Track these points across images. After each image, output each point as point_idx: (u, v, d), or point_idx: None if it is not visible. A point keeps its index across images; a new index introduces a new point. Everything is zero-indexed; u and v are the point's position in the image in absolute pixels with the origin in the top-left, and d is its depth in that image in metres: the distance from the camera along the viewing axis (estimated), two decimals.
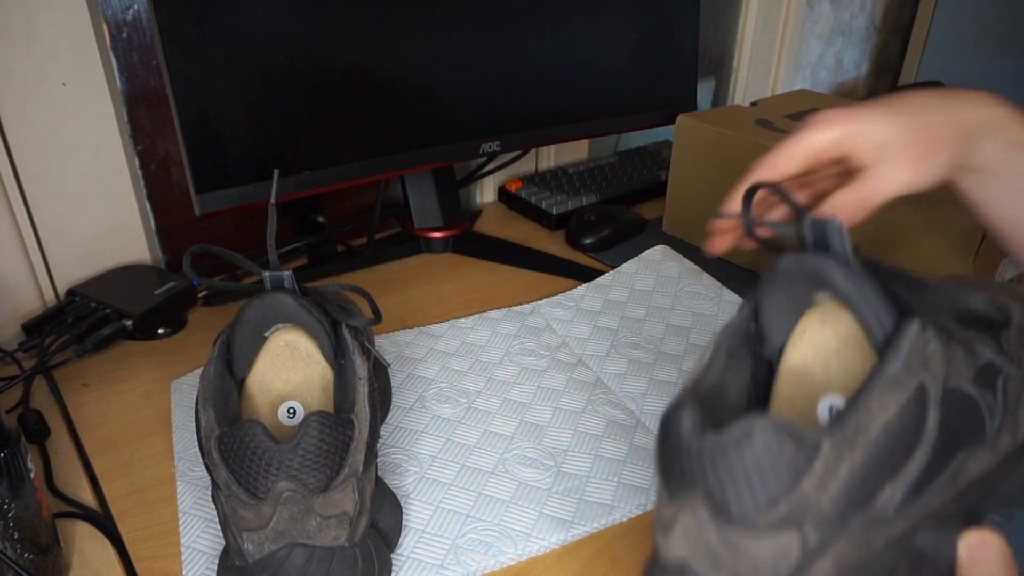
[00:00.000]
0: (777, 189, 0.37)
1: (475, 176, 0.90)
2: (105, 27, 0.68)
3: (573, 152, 1.03)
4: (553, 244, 0.84)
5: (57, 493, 0.50)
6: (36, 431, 0.55)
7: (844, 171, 0.47)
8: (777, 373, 0.34)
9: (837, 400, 0.34)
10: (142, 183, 0.74)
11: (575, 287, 0.73)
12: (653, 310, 0.68)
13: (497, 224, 0.90)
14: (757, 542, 0.26)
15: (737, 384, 0.33)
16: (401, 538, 0.45)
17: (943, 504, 0.31)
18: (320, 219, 0.83)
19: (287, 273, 0.44)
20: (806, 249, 0.32)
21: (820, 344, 0.34)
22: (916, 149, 0.45)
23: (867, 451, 0.27)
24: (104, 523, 0.48)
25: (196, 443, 0.49)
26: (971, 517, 0.33)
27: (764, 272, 0.33)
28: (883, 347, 0.29)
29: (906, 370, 0.28)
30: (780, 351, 0.34)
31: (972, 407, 0.31)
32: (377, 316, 0.49)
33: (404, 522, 0.46)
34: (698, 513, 0.27)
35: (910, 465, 0.28)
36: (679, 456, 0.27)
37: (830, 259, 0.31)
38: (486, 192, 0.97)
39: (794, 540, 0.26)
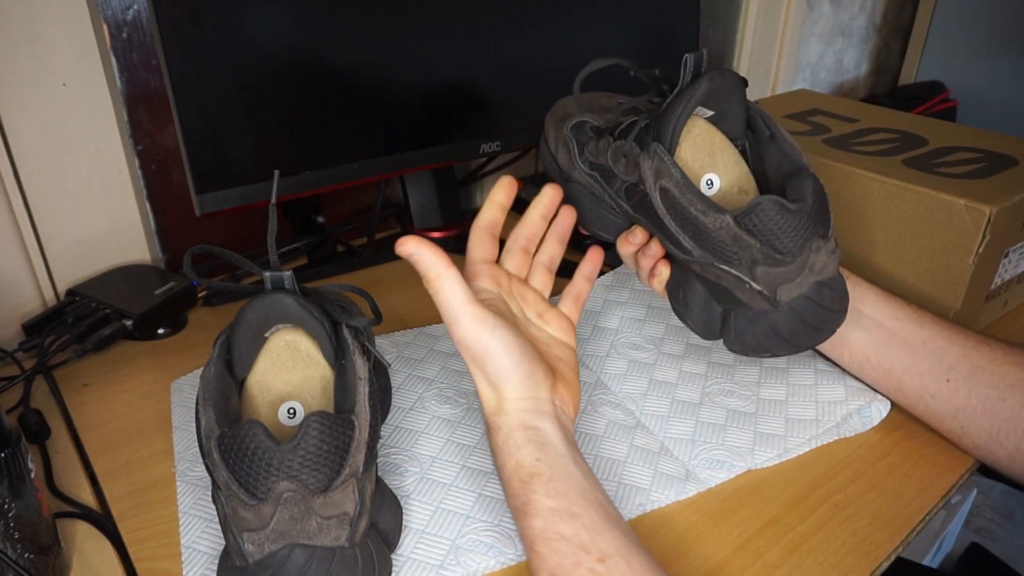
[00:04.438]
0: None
1: (475, 176, 0.90)
2: (105, 27, 0.68)
3: None
4: None
5: (57, 493, 0.50)
6: (36, 431, 0.55)
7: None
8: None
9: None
10: (142, 183, 0.74)
11: None
12: (653, 310, 0.68)
13: None
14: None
15: None
16: (401, 538, 0.45)
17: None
18: (320, 219, 0.83)
19: (287, 273, 0.43)
20: None
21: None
22: None
23: None
24: (104, 523, 0.48)
25: (196, 443, 0.49)
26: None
27: None
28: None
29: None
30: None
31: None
32: (377, 316, 0.49)
33: (404, 522, 0.46)
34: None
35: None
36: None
37: None
38: (486, 192, 0.97)
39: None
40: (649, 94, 0.53)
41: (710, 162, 0.53)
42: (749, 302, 0.49)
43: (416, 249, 0.44)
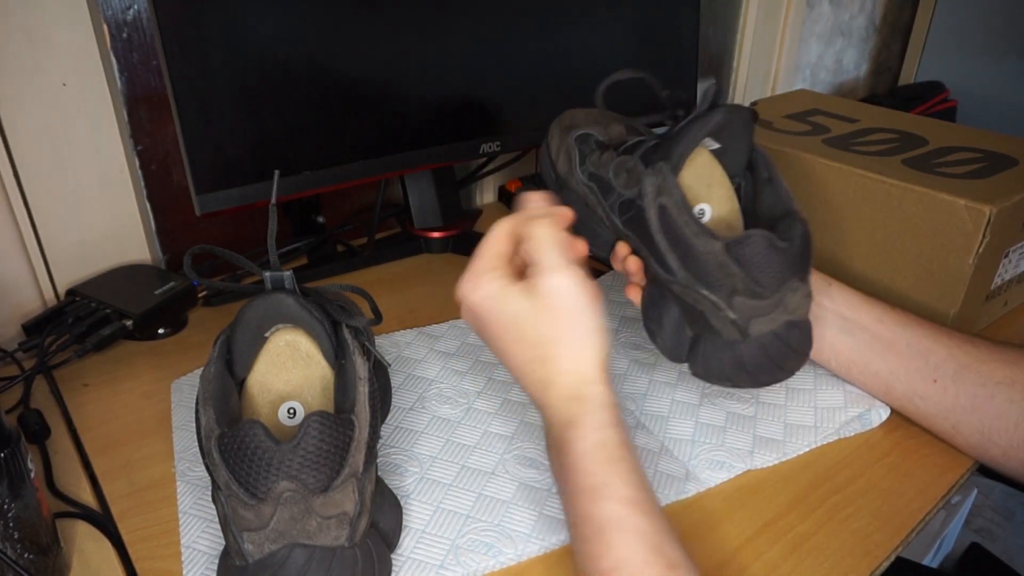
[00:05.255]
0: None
1: (475, 176, 0.90)
2: (105, 27, 0.68)
3: None
4: None
5: (57, 493, 0.50)
6: (36, 431, 0.55)
7: None
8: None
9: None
10: (142, 183, 0.74)
11: None
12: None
13: None
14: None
15: None
16: (401, 538, 0.45)
17: None
18: (320, 219, 0.83)
19: (287, 273, 0.44)
20: None
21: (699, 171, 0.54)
22: None
23: None
24: (104, 523, 0.48)
25: (196, 443, 0.49)
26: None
27: None
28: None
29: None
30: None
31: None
32: (377, 316, 0.49)
33: (404, 522, 0.46)
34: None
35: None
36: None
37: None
38: (486, 192, 0.97)
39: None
40: (663, 114, 0.55)
41: (706, 193, 0.54)
42: (721, 330, 0.50)
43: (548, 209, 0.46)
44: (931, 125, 0.77)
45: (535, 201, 0.49)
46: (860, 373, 0.56)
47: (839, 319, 0.55)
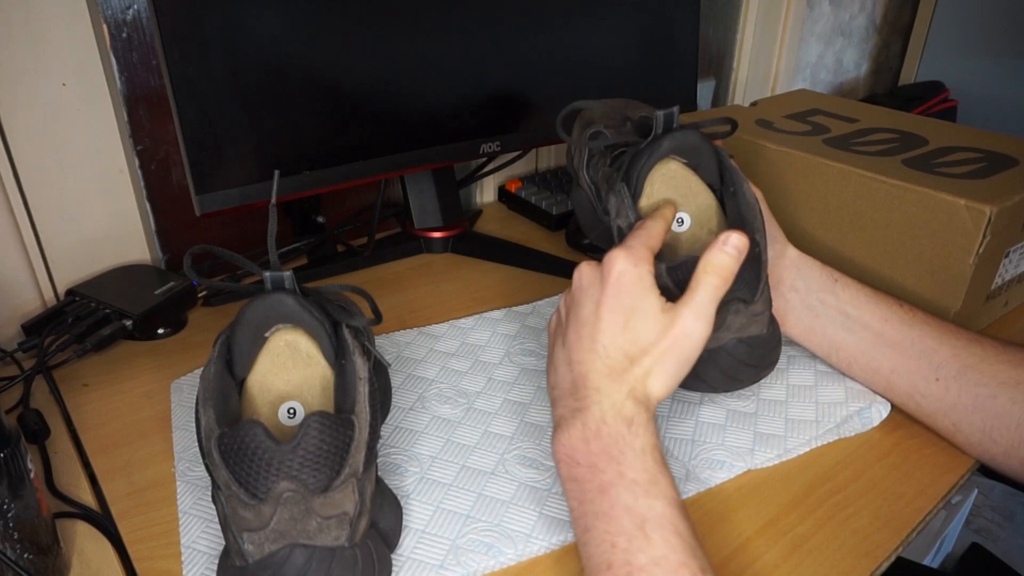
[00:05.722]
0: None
1: (475, 176, 0.90)
2: (105, 27, 0.68)
3: None
4: (553, 244, 0.84)
5: (57, 493, 0.50)
6: (36, 431, 0.55)
7: None
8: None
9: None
10: (142, 183, 0.74)
11: None
12: None
13: (497, 224, 0.90)
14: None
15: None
16: (401, 538, 0.45)
17: None
18: (320, 219, 0.83)
19: (287, 273, 0.44)
20: None
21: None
22: None
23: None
24: (104, 523, 0.48)
25: (196, 443, 0.49)
26: None
27: None
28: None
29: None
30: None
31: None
32: (377, 316, 0.49)
33: (404, 522, 0.46)
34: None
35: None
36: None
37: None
38: (486, 192, 0.97)
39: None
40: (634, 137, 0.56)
41: (683, 201, 0.55)
42: None
43: (739, 250, 0.46)
44: (931, 125, 0.77)
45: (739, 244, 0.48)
46: (861, 370, 0.56)
47: (842, 316, 0.55)
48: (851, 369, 0.57)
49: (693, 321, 0.45)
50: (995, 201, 0.58)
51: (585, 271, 0.48)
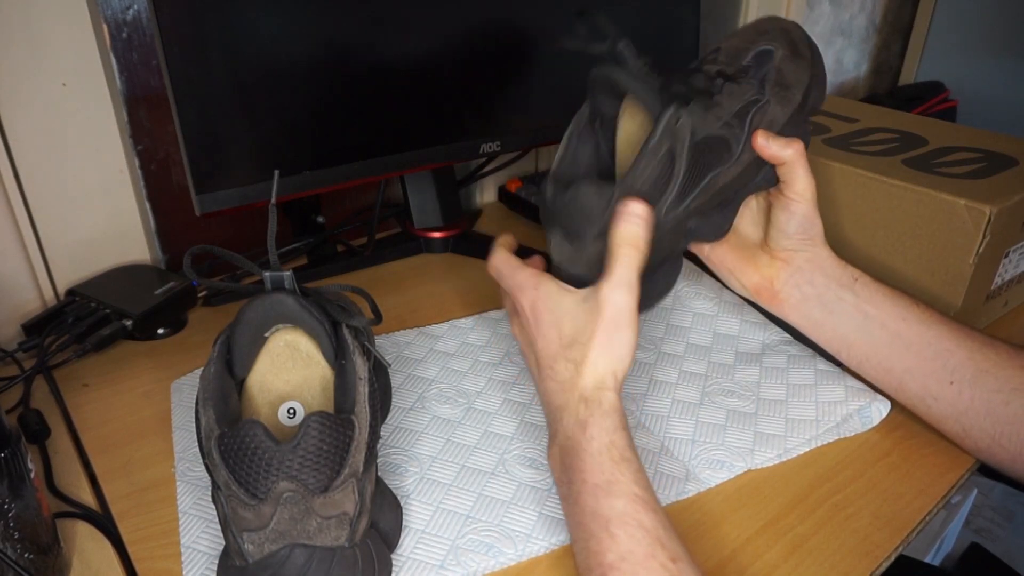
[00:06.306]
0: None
1: (475, 176, 0.90)
2: (105, 27, 0.68)
3: None
4: None
5: (57, 493, 0.50)
6: (36, 431, 0.55)
7: None
8: (616, 148, 0.54)
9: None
10: (142, 183, 0.74)
11: None
12: (653, 310, 0.68)
13: (497, 224, 0.90)
14: (587, 248, 0.48)
15: (586, 157, 0.53)
16: (401, 539, 0.45)
17: (703, 204, 0.51)
18: (320, 219, 0.83)
19: (287, 273, 0.44)
20: None
21: (631, 131, 0.53)
22: None
23: (640, 192, 0.47)
24: (104, 523, 0.48)
25: (196, 443, 0.49)
26: (725, 206, 0.55)
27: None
28: (653, 128, 0.47)
29: (660, 141, 0.47)
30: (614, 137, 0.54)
31: (720, 141, 0.50)
32: (377, 316, 0.49)
33: (404, 523, 0.46)
34: (559, 241, 0.50)
35: (667, 193, 0.49)
36: (545, 209, 0.51)
37: (624, 72, 0.49)
38: (486, 192, 0.97)
39: (600, 245, 0.47)
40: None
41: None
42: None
43: (641, 216, 0.47)
44: (931, 125, 0.77)
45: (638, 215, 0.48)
46: (873, 368, 0.56)
47: (860, 315, 0.55)
48: (861, 367, 0.56)
49: (618, 295, 0.45)
50: (995, 201, 0.58)
51: (513, 323, 0.53)
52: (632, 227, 0.46)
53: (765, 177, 0.55)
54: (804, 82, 0.54)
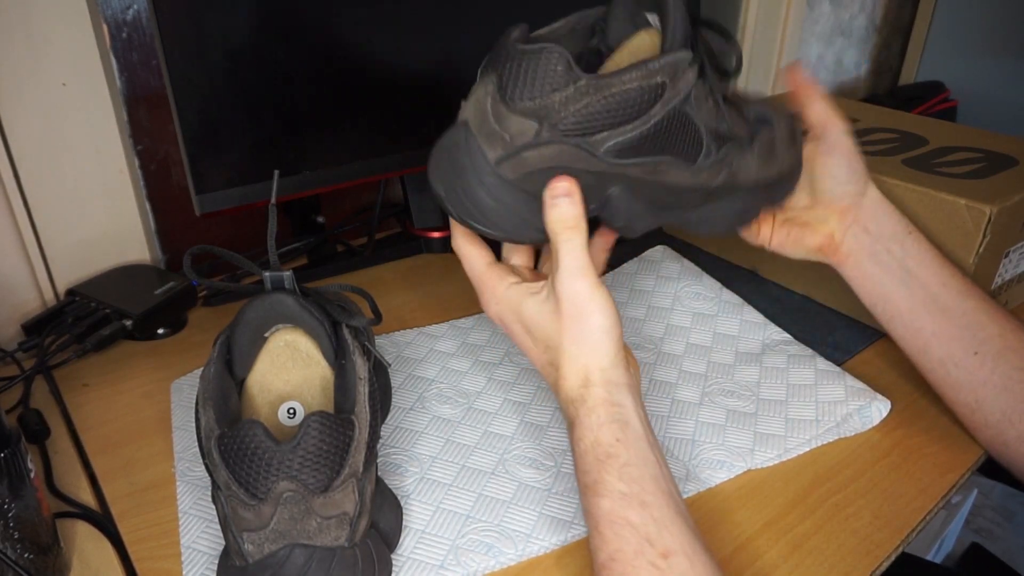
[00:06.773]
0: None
1: None
2: (105, 27, 0.68)
3: None
4: None
5: (57, 493, 0.50)
6: (36, 431, 0.55)
7: None
8: (612, 54, 0.48)
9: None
10: (142, 183, 0.74)
11: None
12: (653, 310, 0.68)
13: None
14: (512, 117, 0.41)
15: (572, 45, 0.47)
16: (401, 539, 0.45)
17: (638, 178, 0.44)
18: (320, 219, 0.83)
19: (287, 273, 0.44)
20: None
21: (640, 47, 0.48)
22: None
23: (605, 102, 0.40)
24: (104, 523, 0.48)
25: (196, 443, 0.49)
26: (658, 211, 0.48)
27: None
28: (662, 47, 0.42)
29: (659, 71, 0.41)
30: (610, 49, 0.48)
31: (697, 138, 0.45)
32: (377, 316, 0.49)
33: (404, 523, 0.46)
34: (488, 87, 0.41)
35: (625, 129, 0.41)
36: (496, 51, 0.43)
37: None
38: None
39: (532, 126, 0.40)
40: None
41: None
42: None
43: (568, 195, 0.43)
44: (931, 125, 0.77)
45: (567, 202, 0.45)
46: (903, 326, 0.55)
47: (902, 271, 0.54)
48: (892, 322, 0.56)
49: (569, 284, 0.43)
50: (995, 201, 0.58)
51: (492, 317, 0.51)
52: (562, 209, 0.43)
53: (702, 219, 0.50)
54: (787, 164, 0.53)
